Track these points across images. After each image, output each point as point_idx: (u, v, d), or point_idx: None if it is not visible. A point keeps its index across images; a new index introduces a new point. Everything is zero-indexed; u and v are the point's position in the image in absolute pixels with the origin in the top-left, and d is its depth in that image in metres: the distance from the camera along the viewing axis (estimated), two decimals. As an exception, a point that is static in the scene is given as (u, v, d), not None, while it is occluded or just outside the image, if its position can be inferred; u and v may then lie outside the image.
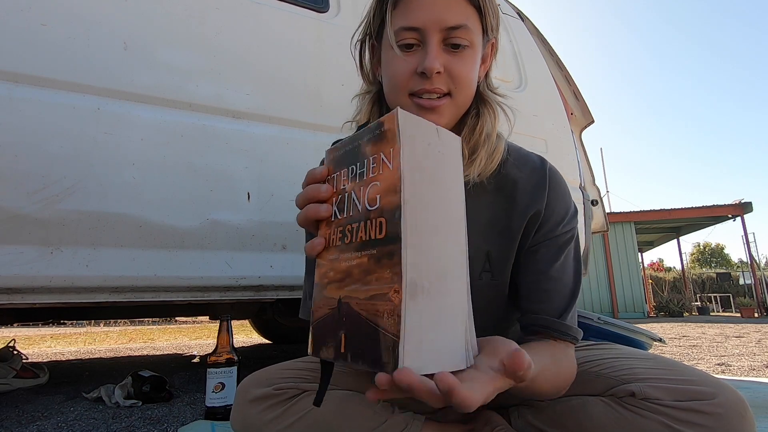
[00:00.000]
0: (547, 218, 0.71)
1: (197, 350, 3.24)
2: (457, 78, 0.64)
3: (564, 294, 0.68)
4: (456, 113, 0.68)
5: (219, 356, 1.23)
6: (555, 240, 0.70)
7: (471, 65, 0.66)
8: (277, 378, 0.72)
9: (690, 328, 5.75)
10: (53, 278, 1.02)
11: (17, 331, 6.90)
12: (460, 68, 0.64)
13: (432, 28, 0.63)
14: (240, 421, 0.71)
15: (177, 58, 1.24)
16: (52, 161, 1.04)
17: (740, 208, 10.84)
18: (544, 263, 0.69)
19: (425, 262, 0.38)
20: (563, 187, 0.74)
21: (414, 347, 0.36)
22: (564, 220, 0.72)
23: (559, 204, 0.72)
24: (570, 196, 0.75)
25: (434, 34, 0.63)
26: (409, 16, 0.63)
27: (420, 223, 0.38)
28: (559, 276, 0.69)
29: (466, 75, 0.65)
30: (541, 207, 0.70)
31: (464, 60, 0.65)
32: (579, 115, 2.29)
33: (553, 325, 0.65)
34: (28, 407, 1.37)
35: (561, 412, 0.67)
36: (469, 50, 0.65)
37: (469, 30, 0.64)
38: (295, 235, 1.29)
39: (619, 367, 0.65)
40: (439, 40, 0.63)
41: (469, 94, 0.68)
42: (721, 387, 0.58)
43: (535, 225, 0.71)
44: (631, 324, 1.57)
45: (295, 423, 0.69)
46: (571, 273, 0.71)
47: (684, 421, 0.56)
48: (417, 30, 0.63)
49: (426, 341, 0.37)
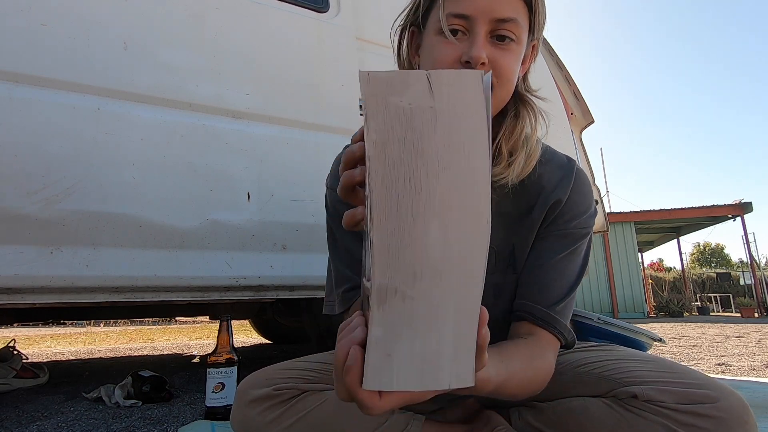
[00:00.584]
0: (565, 210, 0.71)
1: (197, 350, 3.24)
2: (501, 71, 0.63)
3: (560, 287, 0.68)
4: (495, 108, 0.67)
5: (219, 356, 1.23)
6: (566, 233, 0.71)
7: (515, 60, 0.65)
8: (276, 378, 0.72)
9: (690, 328, 5.75)
10: (53, 278, 1.02)
11: (17, 331, 6.90)
12: (504, 61, 0.63)
13: (482, 17, 0.62)
14: (240, 423, 0.71)
15: (177, 58, 1.24)
16: (52, 161, 1.04)
17: (740, 208, 10.84)
18: (549, 252, 0.70)
19: (404, 259, 0.31)
20: (587, 187, 0.74)
21: (377, 362, 0.32)
22: (581, 216, 0.72)
23: (580, 200, 0.72)
24: (592, 198, 0.75)
25: (483, 24, 0.62)
26: (460, 3, 0.62)
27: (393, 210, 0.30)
28: (560, 269, 0.69)
29: (509, 69, 0.64)
30: (563, 197, 0.71)
31: (510, 54, 0.64)
32: (579, 115, 2.29)
33: (539, 314, 0.66)
34: (28, 407, 1.37)
35: (562, 414, 0.67)
36: (515, 45, 0.64)
37: (518, 24, 0.63)
38: (295, 235, 1.29)
39: (621, 369, 0.65)
40: (486, 31, 0.62)
41: (510, 89, 0.67)
42: (724, 391, 0.57)
43: (553, 214, 0.71)
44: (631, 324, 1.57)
45: (295, 423, 0.69)
46: (574, 270, 0.71)
47: (686, 425, 0.56)
48: (466, 18, 0.62)
49: (396, 356, 0.31)
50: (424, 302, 0.31)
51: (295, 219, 1.29)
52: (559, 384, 0.70)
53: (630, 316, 9.69)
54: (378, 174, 0.30)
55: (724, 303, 13.98)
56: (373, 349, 0.31)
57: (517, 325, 0.68)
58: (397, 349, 0.31)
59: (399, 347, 0.31)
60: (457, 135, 0.31)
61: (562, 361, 0.72)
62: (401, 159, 0.31)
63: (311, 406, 0.70)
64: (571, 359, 0.71)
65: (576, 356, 0.71)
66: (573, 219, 0.71)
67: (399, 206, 0.31)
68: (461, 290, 0.32)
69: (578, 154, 2.09)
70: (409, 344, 0.31)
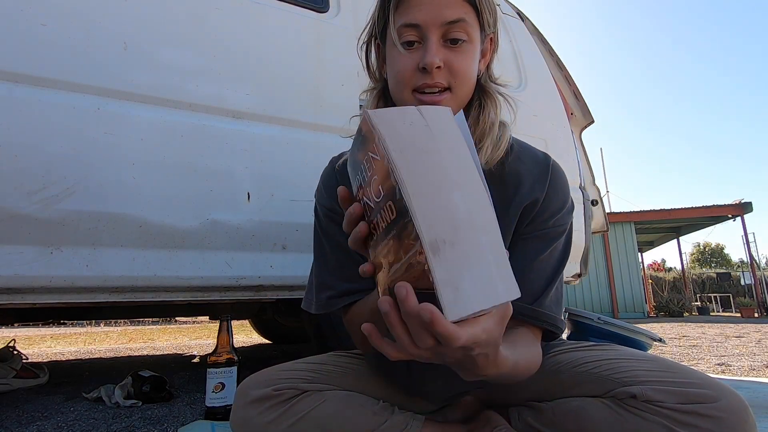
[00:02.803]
0: (543, 209, 0.72)
1: (197, 350, 3.24)
2: (457, 72, 0.67)
3: (540, 284, 0.70)
4: (457, 106, 0.70)
5: (219, 356, 1.23)
6: (546, 232, 0.72)
7: (470, 59, 0.68)
8: (276, 379, 0.72)
9: (690, 328, 5.75)
10: (53, 278, 1.02)
11: (17, 331, 6.90)
12: (459, 62, 0.67)
13: (431, 24, 0.65)
14: (240, 423, 0.71)
15: (177, 58, 1.24)
16: (52, 161, 1.04)
17: (740, 208, 10.84)
18: (531, 253, 0.71)
19: (439, 219, 0.41)
20: (563, 182, 0.75)
21: (451, 296, 0.39)
22: (559, 213, 0.73)
23: (557, 197, 0.73)
24: (569, 193, 0.76)
25: (433, 30, 0.66)
26: (409, 13, 0.66)
27: (421, 187, 0.41)
28: (542, 267, 0.71)
29: (465, 69, 0.68)
30: (540, 197, 0.72)
31: (463, 54, 0.67)
32: (579, 115, 2.29)
33: (523, 311, 0.67)
34: (28, 407, 1.37)
35: (561, 414, 0.67)
36: (468, 45, 0.67)
37: (466, 24, 0.66)
38: (295, 235, 1.29)
39: (620, 369, 0.65)
40: (438, 36, 0.66)
41: (469, 87, 0.70)
42: (724, 390, 0.57)
43: (530, 214, 0.72)
44: (631, 324, 1.58)
45: (295, 423, 0.69)
46: (553, 264, 0.72)
47: (685, 424, 0.56)
48: (417, 27, 0.66)
49: (462, 287, 0.39)
50: (468, 243, 0.41)
51: (295, 219, 1.29)
52: (558, 384, 0.70)
53: (630, 316, 9.69)
54: (404, 168, 0.42)
55: (724, 303, 13.97)
56: (443, 288, 0.39)
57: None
58: (461, 282, 0.39)
59: (462, 281, 0.39)
60: (447, 137, 0.46)
61: (560, 360, 0.72)
62: (417, 156, 0.43)
63: (311, 406, 0.70)
64: (569, 359, 0.71)
65: (574, 356, 0.72)
66: (551, 217, 0.73)
67: (426, 184, 0.42)
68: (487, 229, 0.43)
69: (578, 154, 2.08)
70: (468, 276, 0.40)
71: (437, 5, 0.65)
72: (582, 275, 1.98)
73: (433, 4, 0.65)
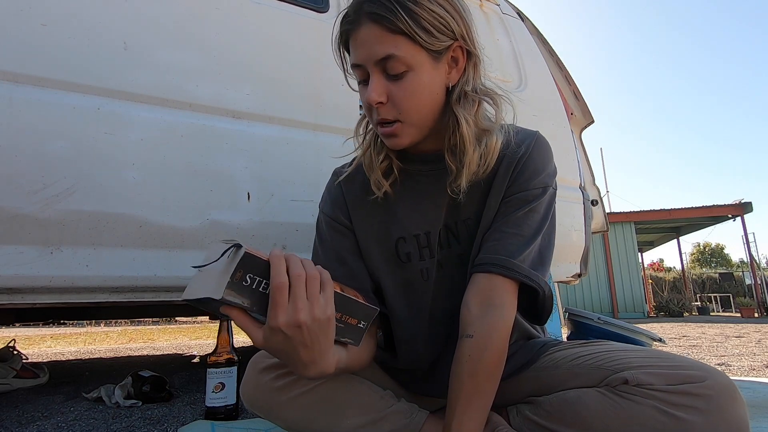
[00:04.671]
0: (525, 167, 0.74)
1: (197, 350, 3.25)
2: (400, 104, 0.68)
3: (517, 240, 0.70)
4: (417, 132, 0.72)
5: (219, 356, 1.23)
6: (527, 193, 0.73)
7: (413, 89, 0.68)
8: None
9: (690, 328, 5.75)
10: (53, 278, 1.02)
11: (17, 331, 6.91)
12: (401, 94, 0.68)
13: (368, 63, 0.68)
14: (251, 386, 0.73)
15: (177, 58, 1.24)
16: (52, 161, 1.04)
17: (740, 208, 10.83)
18: (511, 210, 0.73)
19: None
20: (545, 149, 0.77)
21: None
22: (540, 174, 0.74)
23: (537, 159, 0.75)
24: (551, 159, 0.78)
25: (372, 68, 0.68)
26: (353, 54, 0.69)
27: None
28: (518, 224, 0.72)
29: (408, 100, 0.68)
30: (523, 156, 0.74)
31: (406, 85, 0.67)
32: (579, 115, 2.29)
33: (497, 261, 0.68)
34: (28, 407, 1.37)
35: (558, 405, 0.69)
36: (411, 74, 0.67)
37: (398, 58, 0.66)
38: (295, 235, 1.29)
39: (612, 358, 0.67)
40: (379, 73, 0.68)
41: (421, 114, 0.70)
42: (710, 371, 0.60)
43: (515, 172, 0.74)
44: (631, 324, 1.58)
45: (305, 393, 0.71)
46: (532, 225, 0.72)
47: (676, 405, 0.58)
48: (361, 66, 0.69)
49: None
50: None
51: (295, 219, 1.29)
52: (555, 378, 0.72)
53: (630, 316, 9.70)
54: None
55: (724, 303, 13.96)
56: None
57: (474, 277, 0.70)
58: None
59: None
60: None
61: (557, 357, 0.75)
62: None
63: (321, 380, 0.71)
64: (566, 355, 0.74)
65: (570, 352, 0.74)
66: (533, 177, 0.74)
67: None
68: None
69: (578, 154, 2.09)
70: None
71: (368, 44, 0.66)
72: (582, 275, 1.98)
73: (365, 44, 0.67)
